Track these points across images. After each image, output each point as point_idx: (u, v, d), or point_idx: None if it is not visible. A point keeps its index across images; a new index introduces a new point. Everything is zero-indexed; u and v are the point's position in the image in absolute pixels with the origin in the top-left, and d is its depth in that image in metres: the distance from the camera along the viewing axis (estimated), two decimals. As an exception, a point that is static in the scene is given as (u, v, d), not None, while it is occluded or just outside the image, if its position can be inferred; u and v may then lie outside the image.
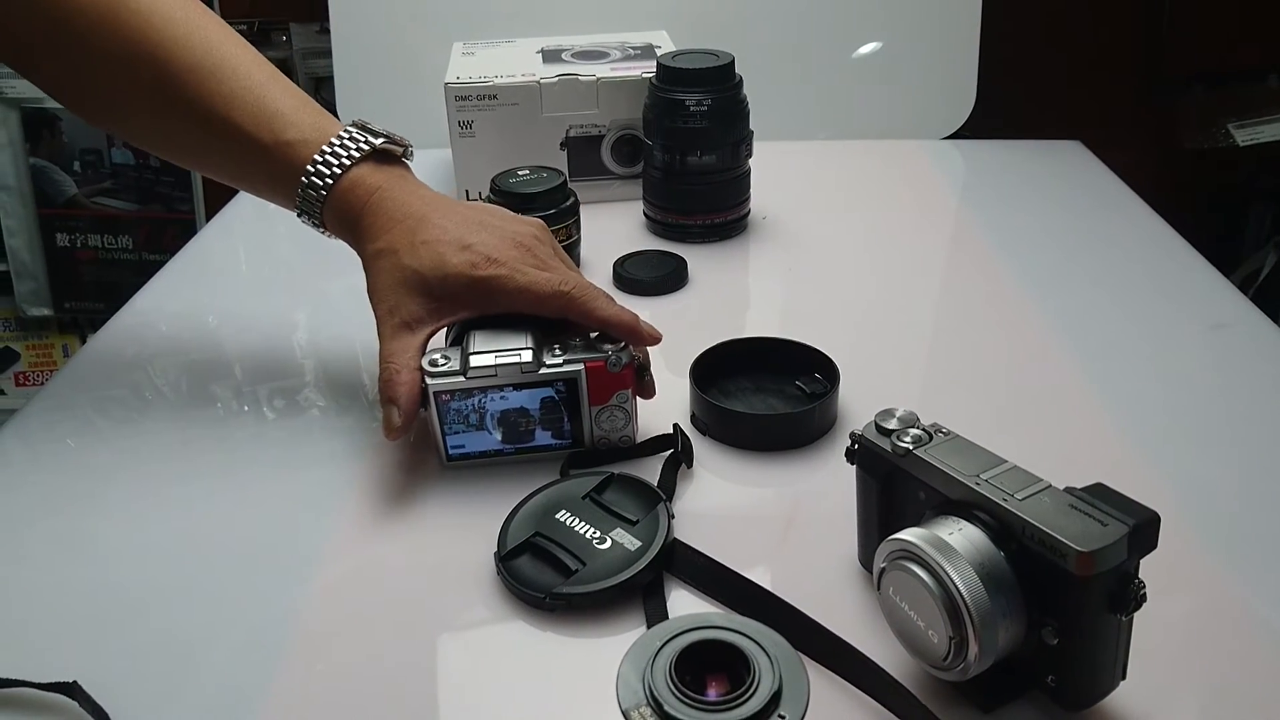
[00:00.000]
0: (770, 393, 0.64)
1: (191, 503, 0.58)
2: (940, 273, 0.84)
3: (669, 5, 1.12)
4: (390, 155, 0.61)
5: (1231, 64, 1.35)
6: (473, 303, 0.57)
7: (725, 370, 0.65)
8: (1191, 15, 1.32)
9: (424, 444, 0.60)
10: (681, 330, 0.72)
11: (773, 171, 0.92)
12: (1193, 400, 0.66)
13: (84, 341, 1.60)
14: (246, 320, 0.79)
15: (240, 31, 0.62)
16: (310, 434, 0.64)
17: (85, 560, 0.54)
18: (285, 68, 1.44)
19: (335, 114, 1.22)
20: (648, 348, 0.59)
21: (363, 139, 0.59)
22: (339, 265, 0.88)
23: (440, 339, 0.62)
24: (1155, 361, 0.70)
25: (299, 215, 0.61)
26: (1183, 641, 0.46)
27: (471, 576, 0.50)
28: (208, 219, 1.51)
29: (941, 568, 0.38)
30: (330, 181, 0.59)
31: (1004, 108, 1.17)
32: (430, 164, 1.03)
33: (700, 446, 0.60)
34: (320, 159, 0.59)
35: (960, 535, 0.39)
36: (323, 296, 0.83)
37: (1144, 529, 0.37)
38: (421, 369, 0.55)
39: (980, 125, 1.14)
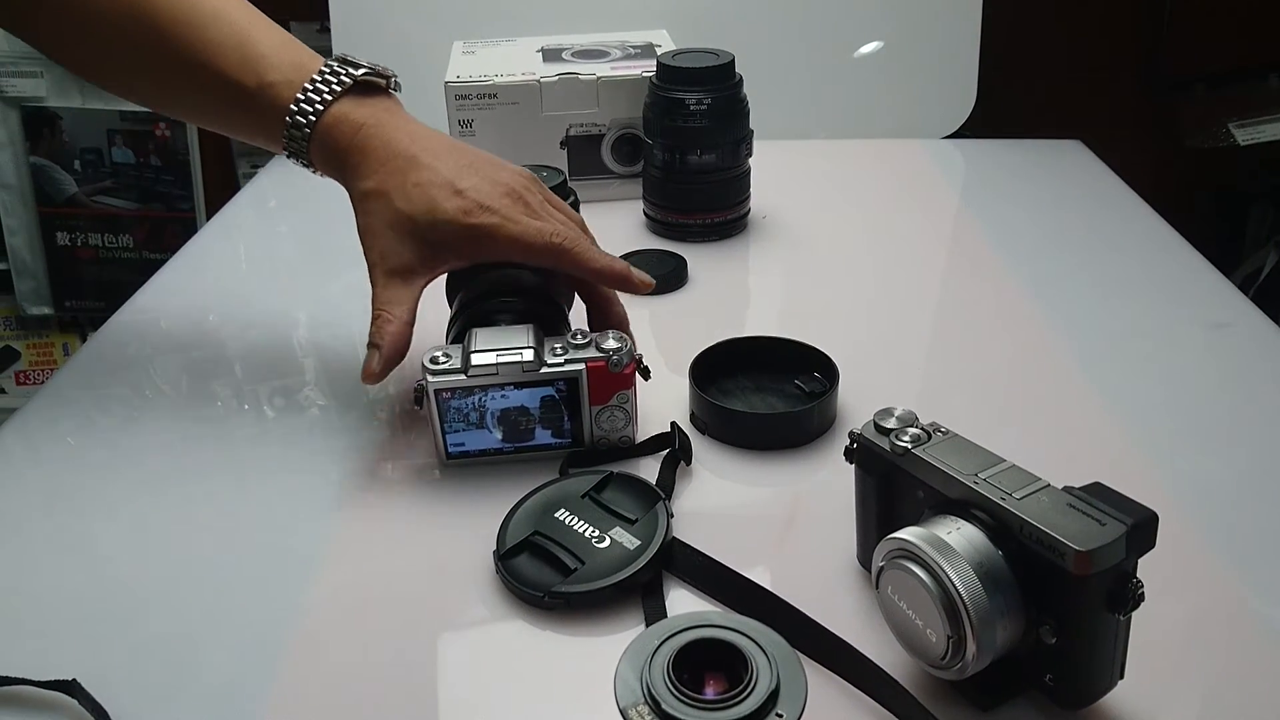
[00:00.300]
0: (769, 392, 0.64)
1: (191, 501, 0.58)
2: (940, 272, 0.84)
3: (669, 4, 1.12)
4: (375, 87, 0.60)
5: (1232, 64, 1.35)
6: (464, 250, 0.57)
7: (725, 369, 0.65)
8: (1192, 15, 1.32)
9: (424, 441, 0.60)
10: (681, 329, 0.72)
11: (773, 171, 0.92)
12: (1193, 399, 0.66)
13: (84, 340, 1.60)
14: (247, 319, 0.79)
15: None
16: (311, 432, 0.64)
17: (85, 558, 0.54)
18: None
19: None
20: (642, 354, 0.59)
21: (343, 72, 0.59)
22: (339, 264, 0.88)
23: (440, 340, 0.62)
24: (1155, 361, 0.70)
25: (288, 157, 0.61)
26: (1182, 640, 0.46)
27: (470, 575, 0.51)
28: (208, 217, 1.51)
29: (940, 567, 0.38)
30: (313, 119, 0.58)
31: (1004, 107, 1.17)
32: (430, 163, 1.03)
33: (699, 445, 0.60)
34: (302, 97, 0.58)
35: (959, 534, 0.39)
36: (323, 295, 0.83)
37: (1142, 528, 0.37)
38: (423, 365, 0.55)
39: (981, 124, 1.14)
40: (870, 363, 0.67)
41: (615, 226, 0.90)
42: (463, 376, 0.55)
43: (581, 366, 0.55)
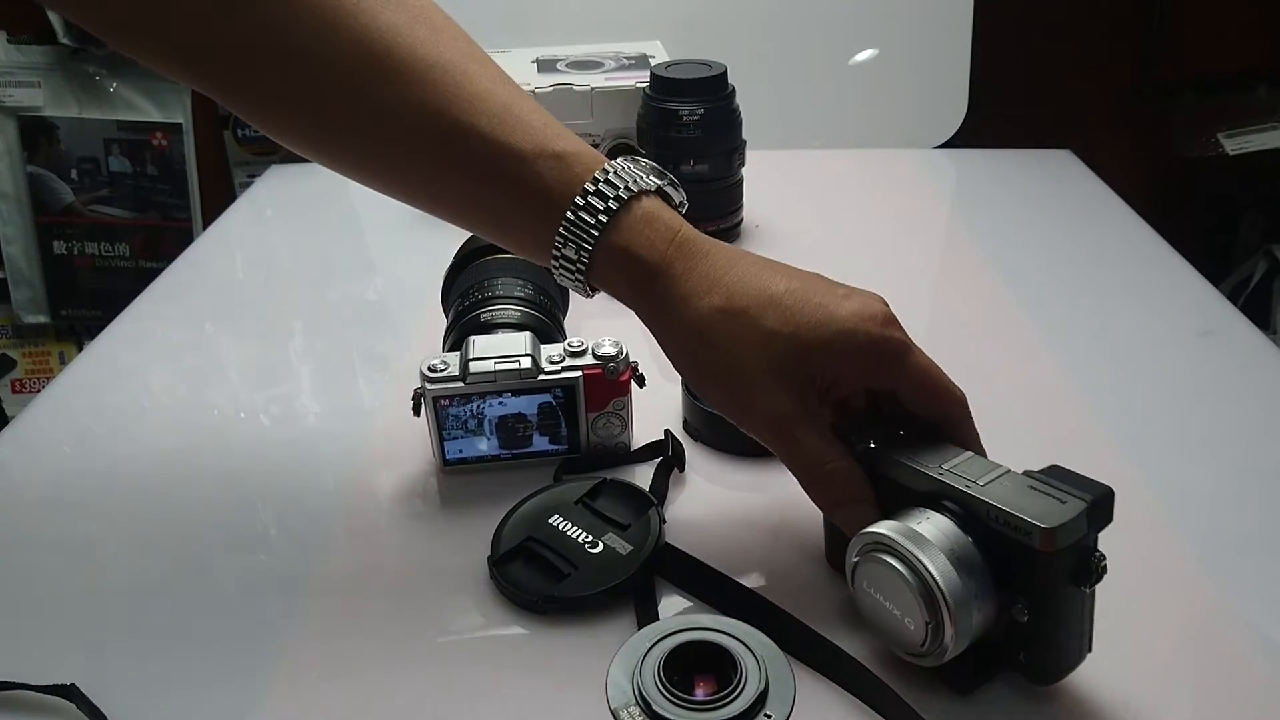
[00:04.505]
0: (761, 399, 0.64)
1: (188, 509, 0.58)
2: (931, 281, 0.85)
3: (663, 15, 1.13)
4: (669, 200, 0.48)
5: (1221, 74, 1.36)
6: (861, 369, 0.45)
7: (717, 377, 0.65)
8: (1182, 26, 1.34)
9: (419, 449, 0.61)
10: (674, 337, 0.73)
11: (765, 180, 0.93)
12: (1180, 405, 0.66)
13: (80, 349, 1.61)
14: (243, 327, 0.80)
15: None
16: (307, 440, 0.64)
17: (82, 565, 0.54)
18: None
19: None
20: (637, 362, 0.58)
21: (644, 172, 0.47)
22: (335, 273, 0.89)
23: (438, 348, 0.63)
24: (1143, 367, 0.71)
25: (555, 254, 0.46)
26: (1170, 645, 0.47)
27: (465, 580, 0.51)
28: (204, 227, 1.52)
29: (915, 556, 0.39)
30: (615, 207, 0.45)
31: (995, 117, 1.18)
32: (426, 172, 1.04)
33: (692, 452, 0.60)
34: (603, 178, 0.45)
35: (929, 524, 0.40)
36: (319, 303, 0.83)
37: (1101, 504, 0.39)
38: (421, 373, 0.55)
39: (971, 134, 1.15)
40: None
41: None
42: (461, 384, 0.55)
43: (579, 374, 0.56)
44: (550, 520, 0.52)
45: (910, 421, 0.46)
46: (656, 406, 0.63)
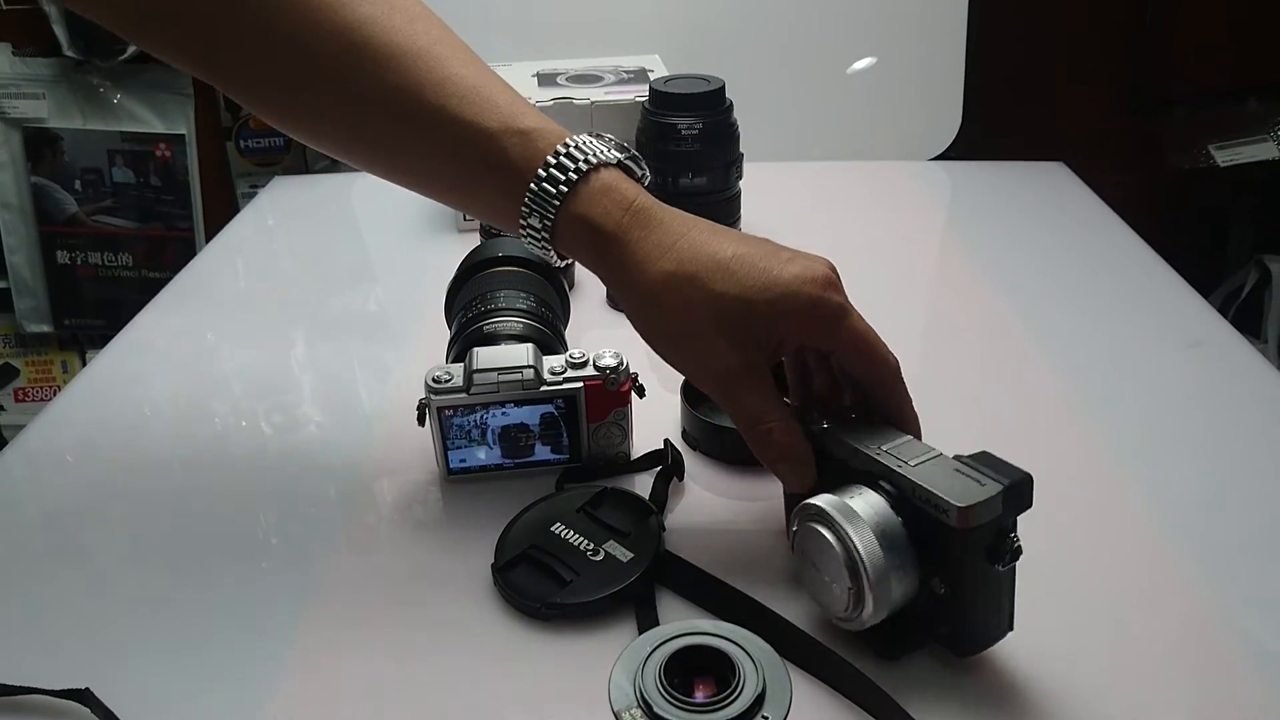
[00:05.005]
0: (759, 409, 0.65)
1: (196, 517, 0.59)
2: (926, 291, 0.86)
3: (661, 30, 1.14)
4: (631, 173, 0.51)
5: (1212, 87, 1.38)
6: (800, 329, 0.48)
7: (715, 387, 0.66)
8: (1174, 40, 1.35)
9: (421, 458, 0.62)
10: (673, 348, 0.74)
11: (763, 192, 0.94)
12: (1170, 414, 0.67)
13: (83, 357, 1.62)
14: (246, 337, 0.81)
15: None
16: (310, 449, 0.65)
17: (89, 574, 0.55)
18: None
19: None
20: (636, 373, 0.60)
21: (606, 146, 0.50)
22: (337, 282, 0.90)
23: (441, 356, 0.63)
24: (1133, 376, 0.72)
25: (521, 224, 0.50)
26: (1159, 650, 0.48)
27: (469, 587, 0.52)
28: (207, 237, 1.53)
29: (843, 528, 0.42)
30: (575, 178, 0.48)
31: (989, 130, 1.20)
32: (428, 184, 1.05)
33: (691, 461, 0.61)
34: (564, 150, 0.48)
35: (862, 500, 0.43)
36: (321, 314, 0.84)
37: (1018, 488, 0.41)
38: (426, 384, 0.56)
39: (966, 146, 1.17)
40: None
41: (609, 247, 0.91)
42: (465, 395, 0.56)
43: (580, 385, 0.57)
44: (552, 528, 0.53)
45: (863, 409, 0.49)
46: (656, 417, 0.63)
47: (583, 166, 0.48)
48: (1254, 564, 0.53)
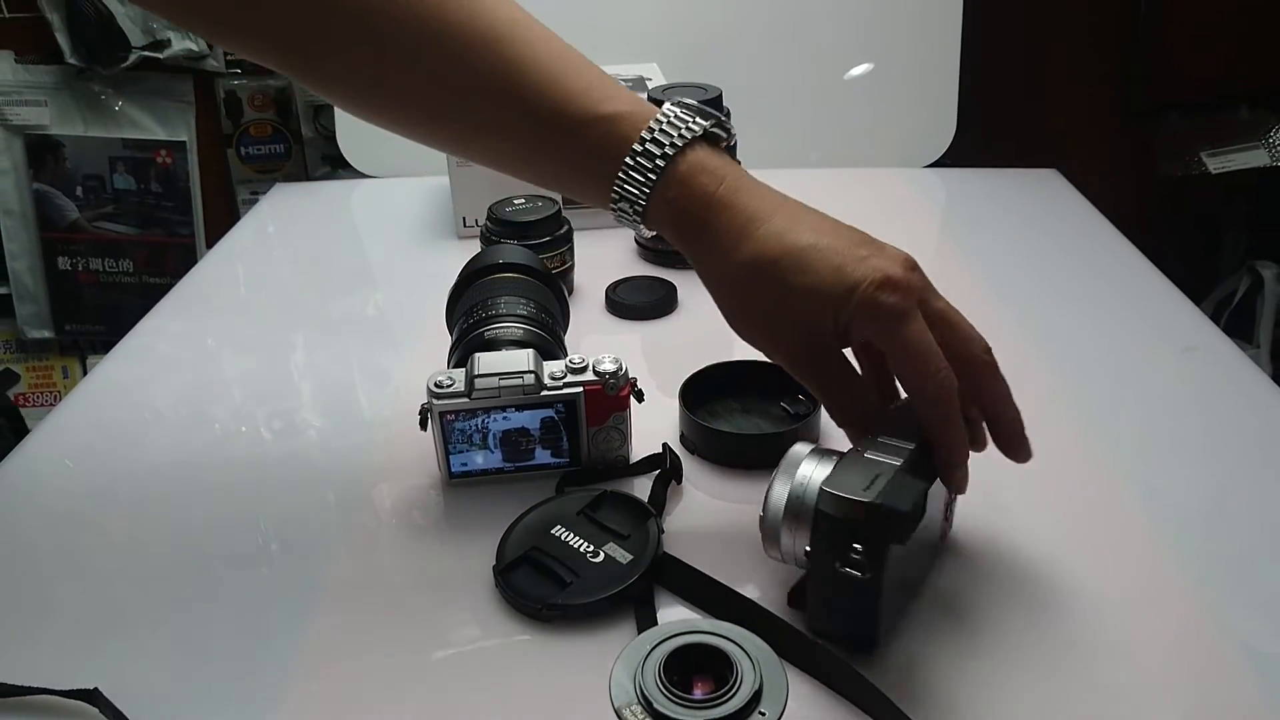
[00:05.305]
0: (756, 413, 0.66)
1: (200, 522, 0.60)
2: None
3: (660, 39, 1.15)
4: (718, 140, 0.51)
5: (1204, 95, 1.39)
6: (862, 329, 0.48)
7: (713, 392, 0.67)
8: (1166, 49, 1.37)
9: (423, 462, 0.62)
10: (671, 354, 0.75)
11: (760, 200, 0.95)
12: (1162, 419, 0.68)
13: (84, 363, 1.62)
14: (247, 343, 0.81)
15: (241, 61, 0.61)
16: (314, 454, 0.66)
17: (91, 579, 0.56)
18: (285, 97, 1.47)
19: (336, 143, 1.24)
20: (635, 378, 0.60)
21: (690, 118, 0.49)
22: (337, 290, 0.91)
23: (444, 362, 0.64)
24: (1127, 381, 0.72)
25: (612, 208, 0.51)
26: (1154, 652, 0.48)
27: (471, 589, 0.53)
28: (207, 242, 1.54)
29: (778, 473, 0.47)
30: (662, 164, 0.48)
31: (983, 137, 1.21)
32: (429, 192, 1.05)
33: (689, 465, 0.62)
34: (649, 136, 0.48)
35: (819, 464, 0.47)
36: (321, 319, 0.85)
37: (889, 514, 0.42)
38: (428, 389, 0.57)
39: (960, 154, 1.18)
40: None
41: (608, 254, 0.92)
42: (466, 399, 0.57)
43: (580, 389, 0.58)
44: (553, 531, 0.54)
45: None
46: (655, 421, 0.64)
47: (669, 152, 0.48)
48: (1245, 565, 0.54)
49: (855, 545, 0.42)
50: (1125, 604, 0.51)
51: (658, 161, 0.48)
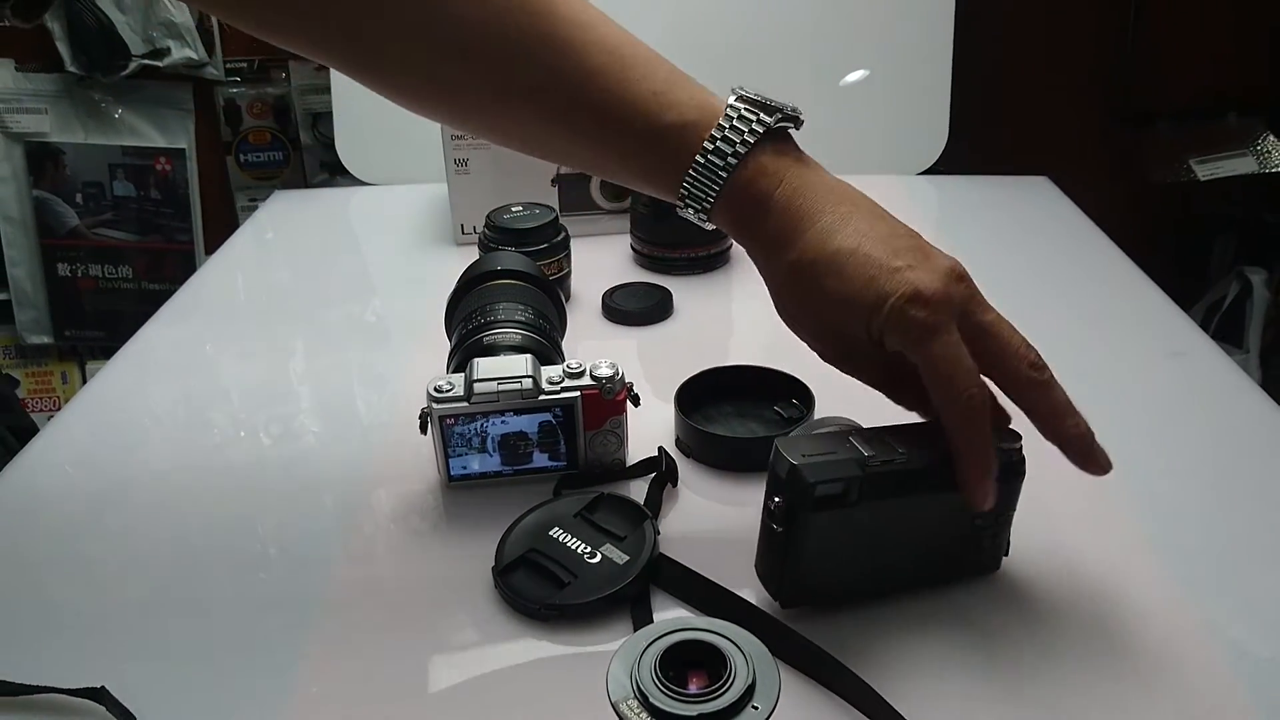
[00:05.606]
0: (750, 417, 0.67)
1: (199, 525, 0.61)
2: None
3: (655, 47, 1.16)
4: (784, 133, 0.51)
5: (1193, 103, 1.40)
6: (893, 342, 0.47)
7: (708, 396, 0.68)
8: (1155, 57, 1.38)
9: (421, 466, 0.63)
10: (667, 359, 0.76)
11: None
12: (1150, 424, 0.69)
13: (83, 369, 1.63)
14: (249, 350, 0.82)
15: (240, 69, 0.60)
16: (315, 458, 0.67)
17: (93, 583, 0.57)
18: (284, 105, 1.48)
19: (334, 150, 1.25)
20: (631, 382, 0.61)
21: (754, 117, 0.49)
22: (335, 296, 0.92)
23: (442, 367, 0.65)
24: (1116, 386, 0.73)
25: (679, 206, 0.52)
26: (1141, 656, 0.49)
27: (471, 589, 0.54)
28: (206, 249, 1.54)
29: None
30: (724, 175, 0.49)
31: (976, 145, 1.22)
32: (427, 199, 1.06)
33: (684, 468, 0.63)
34: (711, 147, 0.49)
35: (824, 439, 0.49)
36: (319, 325, 0.86)
37: (799, 481, 0.46)
38: (428, 393, 0.58)
39: (953, 161, 1.19)
40: (844, 390, 0.69)
41: (604, 260, 0.93)
42: (466, 404, 0.58)
43: (577, 394, 0.59)
44: (551, 532, 0.55)
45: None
46: (651, 425, 0.65)
47: (731, 161, 0.49)
48: (1235, 570, 0.55)
49: (776, 499, 0.47)
50: (1113, 607, 0.52)
51: (720, 173, 0.49)
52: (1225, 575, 0.55)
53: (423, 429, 0.59)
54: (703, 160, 0.49)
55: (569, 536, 0.55)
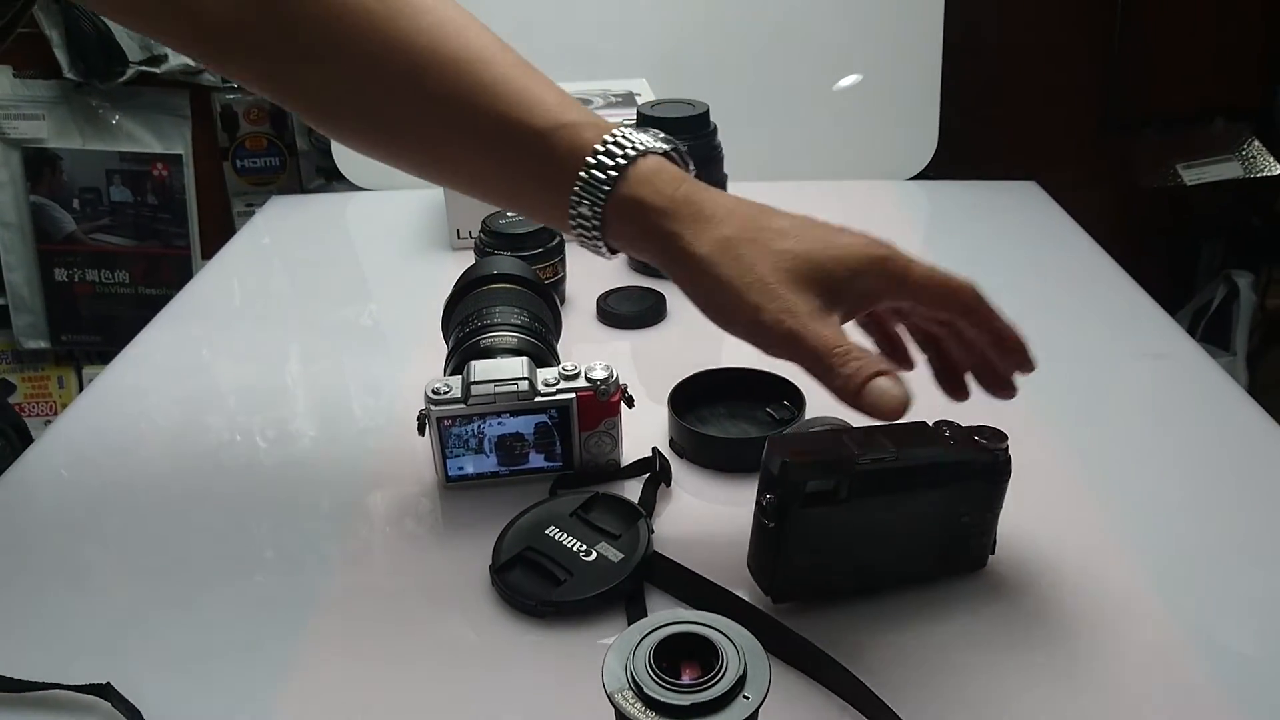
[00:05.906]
0: (742, 418, 0.68)
1: (197, 527, 0.61)
2: (902, 307, 0.89)
3: (649, 55, 1.17)
4: (677, 163, 0.52)
5: (1180, 109, 1.42)
6: (871, 288, 0.48)
7: (701, 398, 0.69)
8: (1143, 64, 1.39)
9: (417, 467, 0.64)
10: (661, 361, 0.76)
11: (746, 212, 0.96)
12: (1134, 425, 0.70)
13: (79, 373, 1.63)
14: (246, 355, 0.82)
15: None
16: (315, 460, 0.68)
17: (92, 586, 0.57)
18: (281, 111, 1.49)
19: (330, 156, 1.25)
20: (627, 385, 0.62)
21: (651, 136, 0.50)
22: (331, 301, 0.92)
23: (437, 371, 0.66)
24: (1100, 390, 0.75)
25: (571, 214, 0.50)
26: (1122, 655, 0.50)
27: (469, 587, 0.55)
28: (203, 254, 1.55)
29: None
30: (623, 163, 0.48)
31: (965, 150, 1.23)
32: (423, 204, 1.07)
33: (678, 468, 0.64)
34: (612, 139, 0.49)
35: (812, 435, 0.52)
36: (316, 329, 0.86)
37: (792, 483, 0.47)
38: (426, 395, 0.59)
39: (943, 166, 1.20)
40: (835, 392, 0.71)
41: (598, 264, 0.93)
42: (463, 405, 0.59)
43: (572, 395, 0.60)
44: (547, 531, 0.56)
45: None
46: (645, 426, 0.66)
47: (630, 153, 0.48)
48: (1219, 572, 0.56)
49: (768, 495, 0.48)
50: (1096, 603, 0.53)
51: (619, 159, 0.48)
52: (1206, 574, 0.56)
53: (421, 430, 0.60)
54: (603, 148, 0.48)
55: (565, 535, 0.56)
